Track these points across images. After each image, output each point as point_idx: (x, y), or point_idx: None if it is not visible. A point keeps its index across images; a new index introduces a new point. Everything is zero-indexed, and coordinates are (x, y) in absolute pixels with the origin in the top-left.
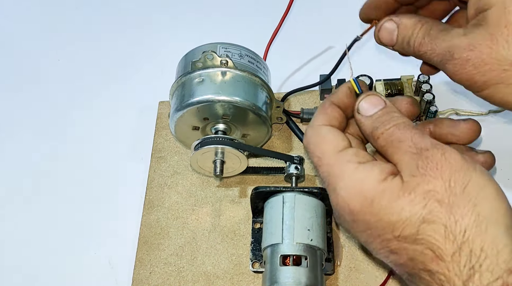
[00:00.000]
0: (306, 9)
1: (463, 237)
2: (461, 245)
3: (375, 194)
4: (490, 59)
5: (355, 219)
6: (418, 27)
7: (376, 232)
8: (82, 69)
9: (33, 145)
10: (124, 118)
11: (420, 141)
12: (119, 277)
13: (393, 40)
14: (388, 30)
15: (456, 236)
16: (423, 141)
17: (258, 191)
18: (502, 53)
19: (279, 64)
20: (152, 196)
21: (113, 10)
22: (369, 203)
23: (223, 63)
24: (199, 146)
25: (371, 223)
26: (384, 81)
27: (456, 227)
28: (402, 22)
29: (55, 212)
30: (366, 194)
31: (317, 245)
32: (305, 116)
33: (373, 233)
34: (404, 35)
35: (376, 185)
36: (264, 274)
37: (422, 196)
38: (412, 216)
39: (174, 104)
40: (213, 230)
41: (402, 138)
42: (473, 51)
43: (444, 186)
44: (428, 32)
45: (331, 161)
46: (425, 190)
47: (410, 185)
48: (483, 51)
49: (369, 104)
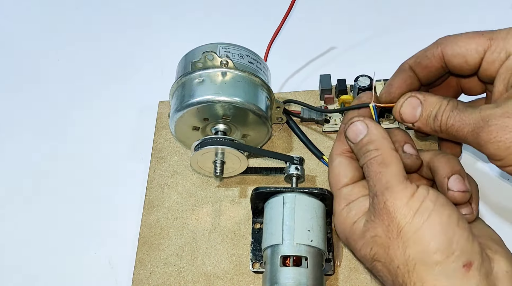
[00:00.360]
0: (307, 10)
1: (396, 272)
2: (396, 277)
3: (350, 234)
4: None
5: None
6: (445, 103)
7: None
8: (82, 69)
9: (33, 144)
10: (124, 118)
11: (377, 183)
12: (119, 277)
13: (416, 117)
14: (412, 105)
15: (391, 271)
16: (378, 185)
17: (258, 192)
18: None
19: (280, 65)
20: (152, 196)
21: (113, 10)
22: (347, 240)
23: (223, 63)
24: (199, 146)
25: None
26: (384, 82)
27: (392, 264)
28: (427, 99)
29: (55, 212)
30: (346, 233)
31: (318, 246)
32: (305, 116)
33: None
34: (430, 110)
35: (349, 227)
36: (264, 275)
37: (370, 240)
38: (365, 255)
39: (174, 105)
40: (213, 230)
41: (368, 176)
42: (510, 118)
43: (384, 232)
44: (456, 106)
45: (333, 193)
46: (372, 235)
47: (365, 229)
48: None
49: (354, 133)
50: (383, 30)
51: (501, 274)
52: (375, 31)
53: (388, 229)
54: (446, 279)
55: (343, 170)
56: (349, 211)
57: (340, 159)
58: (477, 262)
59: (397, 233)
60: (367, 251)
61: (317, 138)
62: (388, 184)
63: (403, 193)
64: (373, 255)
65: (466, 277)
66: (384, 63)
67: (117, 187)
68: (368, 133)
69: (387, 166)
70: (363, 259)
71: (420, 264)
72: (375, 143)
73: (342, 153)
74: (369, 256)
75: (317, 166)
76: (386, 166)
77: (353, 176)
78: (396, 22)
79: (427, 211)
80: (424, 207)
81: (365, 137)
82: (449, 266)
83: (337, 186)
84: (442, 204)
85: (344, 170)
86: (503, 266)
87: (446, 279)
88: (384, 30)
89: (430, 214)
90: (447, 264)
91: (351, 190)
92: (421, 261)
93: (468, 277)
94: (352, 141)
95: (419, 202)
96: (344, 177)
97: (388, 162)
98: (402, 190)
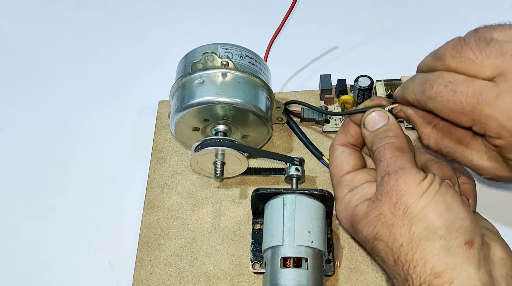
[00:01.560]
0: (308, 10)
1: (399, 250)
2: (398, 256)
3: (352, 217)
4: None
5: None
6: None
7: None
8: (82, 69)
9: (32, 145)
10: (124, 118)
11: (391, 164)
12: (119, 277)
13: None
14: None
15: (393, 250)
16: (392, 165)
17: (258, 193)
18: None
19: (280, 65)
20: (152, 196)
21: (113, 10)
22: (350, 223)
23: (223, 64)
24: (200, 147)
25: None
26: (384, 82)
27: (395, 243)
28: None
29: (55, 212)
30: (348, 217)
31: (318, 247)
32: (305, 116)
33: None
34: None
35: (352, 210)
36: (265, 276)
37: (373, 219)
38: (367, 235)
39: (174, 105)
40: (213, 231)
41: (382, 158)
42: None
43: (390, 210)
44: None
45: (335, 182)
46: (376, 214)
47: (369, 209)
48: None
49: (374, 120)
50: (383, 30)
51: (497, 259)
52: (375, 31)
53: (395, 206)
54: (448, 255)
55: (346, 158)
56: (352, 196)
57: (342, 148)
58: (477, 242)
59: (404, 211)
60: (369, 231)
61: (317, 138)
62: (403, 165)
63: (416, 176)
64: (375, 234)
65: (467, 254)
66: (384, 63)
67: (117, 187)
68: (388, 123)
69: (404, 151)
70: (365, 240)
71: (424, 240)
72: (394, 131)
73: (343, 144)
74: (370, 235)
75: (317, 166)
76: (402, 151)
77: (355, 164)
78: (396, 22)
79: (433, 191)
80: (431, 188)
81: (384, 126)
82: (451, 242)
83: (340, 174)
84: (447, 186)
85: (346, 158)
86: (499, 253)
87: (447, 254)
88: (384, 30)
89: (435, 193)
90: (450, 240)
91: (354, 176)
92: (425, 237)
93: (468, 255)
94: (369, 129)
95: (426, 185)
96: (346, 165)
97: (405, 147)
98: (416, 173)
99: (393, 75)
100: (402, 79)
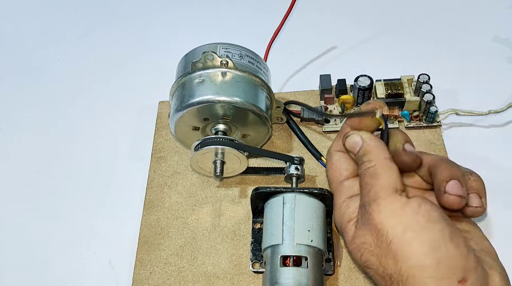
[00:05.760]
0: (308, 10)
1: (391, 280)
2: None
3: (343, 233)
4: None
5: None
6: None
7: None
8: (82, 69)
9: (32, 144)
10: (124, 118)
11: (365, 195)
12: (119, 277)
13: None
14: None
15: (385, 278)
16: (367, 196)
17: (258, 192)
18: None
19: (280, 65)
20: (152, 196)
21: (113, 10)
22: (342, 234)
23: (223, 63)
24: (199, 146)
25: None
26: (384, 82)
27: (385, 272)
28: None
29: (55, 212)
30: (341, 229)
31: (318, 246)
32: (305, 116)
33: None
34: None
35: (345, 225)
36: (265, 275)
37: (360, 246)
38: (357, 259)
39: (174, 105)
40: (213, 230)
41: (361, 186)
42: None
43: (374, 241)
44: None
45: (333, 188)
46: (361, 241)
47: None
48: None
49: (350, 146)
50: (383, 30)
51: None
52: (375, 31)
53: (378, 238)
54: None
55: (343, 163)
56: (348, 207)
57: (340, 154)
58: (472, 278)
59: (387, 244)
60: (357, 256)
61: (317, 138)
62: (376, 196)
63: (390, 206)
64: (364, 261)
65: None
66: (384, 63)
67: (117, 187)
68: (363, 147)
69: (378, 178)
70: (355, 262)
71: (412, 278)
72: (369, 154)
73: (341, 150)
74: (360, 261)
75: (317, 166)
76: (376, 178)
77: (353, 169)
78: (396, 22)
79: (418, 227)
80: (415, 222)
81: (360, 149)
82: (443, 282)
83: (339, 180)
84: (435, 219)
85: (344, 163)
86: (497, 281)
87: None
88: (384, 30)
89: (421, 230)
90: (441, 280)
91: (353, 183)
92: (413, 276)
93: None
94: (353, 152)
95: (408, 216)
96: (344, 170)
97: (379, 173)
98: (390, 203)
99: (393, 75)
100: (402, 79)
